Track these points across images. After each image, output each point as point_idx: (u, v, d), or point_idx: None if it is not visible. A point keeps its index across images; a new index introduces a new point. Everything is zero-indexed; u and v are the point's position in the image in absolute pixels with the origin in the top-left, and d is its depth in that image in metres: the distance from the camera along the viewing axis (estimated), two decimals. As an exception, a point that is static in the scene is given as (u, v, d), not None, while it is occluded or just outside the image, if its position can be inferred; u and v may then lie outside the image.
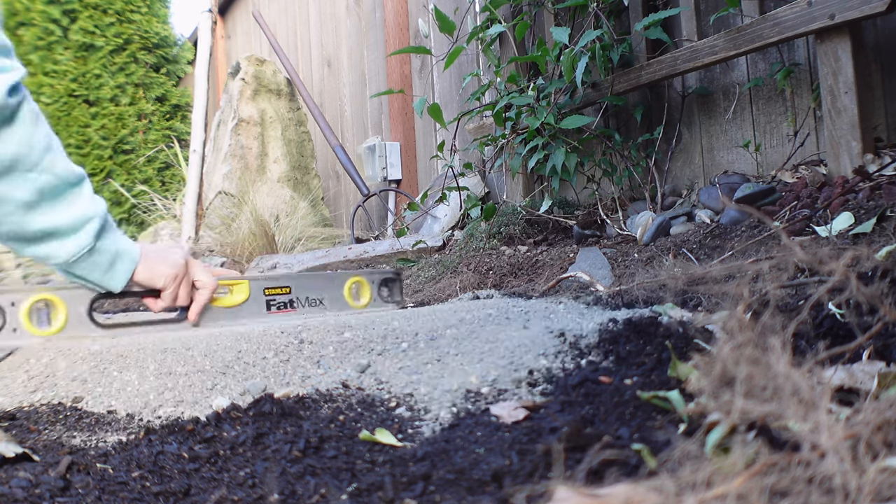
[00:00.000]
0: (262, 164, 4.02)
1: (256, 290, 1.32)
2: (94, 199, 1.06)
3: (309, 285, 1.39)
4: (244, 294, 1.31)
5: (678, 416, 0.63)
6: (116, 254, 1.09)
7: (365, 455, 0.69)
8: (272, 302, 1.34)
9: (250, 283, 1.32)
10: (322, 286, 1.41)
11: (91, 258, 1.05)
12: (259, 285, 1.33)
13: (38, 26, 5.51)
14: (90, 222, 1.04)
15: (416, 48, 2.25)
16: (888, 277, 0.85)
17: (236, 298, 1.30)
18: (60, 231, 1.00)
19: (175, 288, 1.16)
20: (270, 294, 1.34)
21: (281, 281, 1.36)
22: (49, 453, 0.74)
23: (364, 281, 1.47)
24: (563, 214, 2.28)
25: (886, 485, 0.36)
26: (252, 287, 1.32)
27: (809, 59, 1.79)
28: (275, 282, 1.35)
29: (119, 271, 1.10)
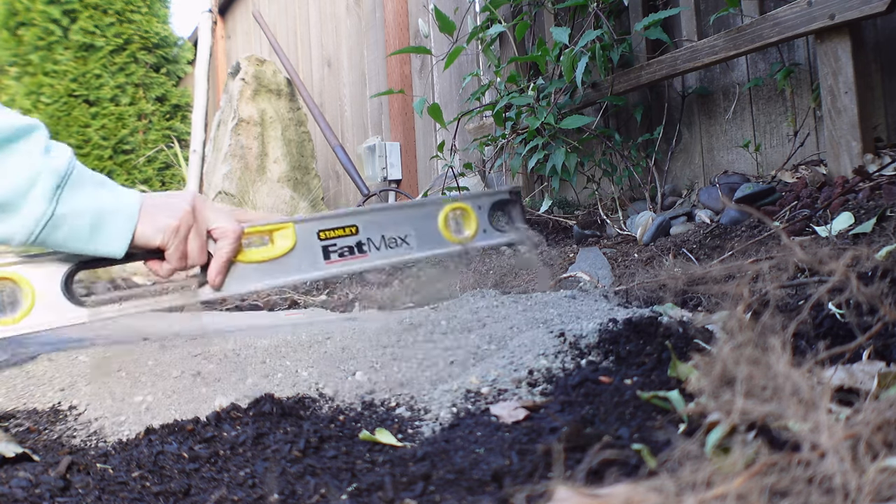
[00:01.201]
0: (262, 164, 4.02)
1: (306, 235, 1.04)
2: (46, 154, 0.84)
3: (385, 220, 1.10)
4: (289, 241, 1.02)
5: (678, 416, 0.63)
6: (99, 214, 0.86)
7: (365, 455, 0.69)
8: (331, 248, 1.05)
9: (296, 226, 1.04)
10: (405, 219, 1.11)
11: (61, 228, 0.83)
12: (310, 228, 1.05)
13: (38, 26, 5.50)
14: (37, 184, 0.81)
15: (416, 48, 2.25)
16: (888, 277, 0.85)
17: (278, 248, 1.01)
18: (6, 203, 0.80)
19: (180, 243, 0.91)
20: (328, 238, 1.05)
21: (342, 219, 1.07)
22: (49, 453, 0.74)
23: (468, 207, 1.17)
24: (563, 214, 2.28)
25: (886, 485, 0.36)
26: (299, 231, 1.04)
27: (809, 59, 1.79)
28: (333, 221, 1.07)
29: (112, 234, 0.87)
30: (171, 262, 0.92)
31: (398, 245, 1.10)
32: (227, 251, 0.96)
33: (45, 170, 0.82)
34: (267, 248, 1.02)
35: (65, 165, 0.84)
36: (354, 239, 1.07)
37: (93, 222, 0.86)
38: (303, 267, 1.04)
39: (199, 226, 0.93)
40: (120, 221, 0.87)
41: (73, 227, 0.85)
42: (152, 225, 0.89)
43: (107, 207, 0.87)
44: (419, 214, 1.13)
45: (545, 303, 1.18)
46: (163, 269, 0.94)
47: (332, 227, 1.06)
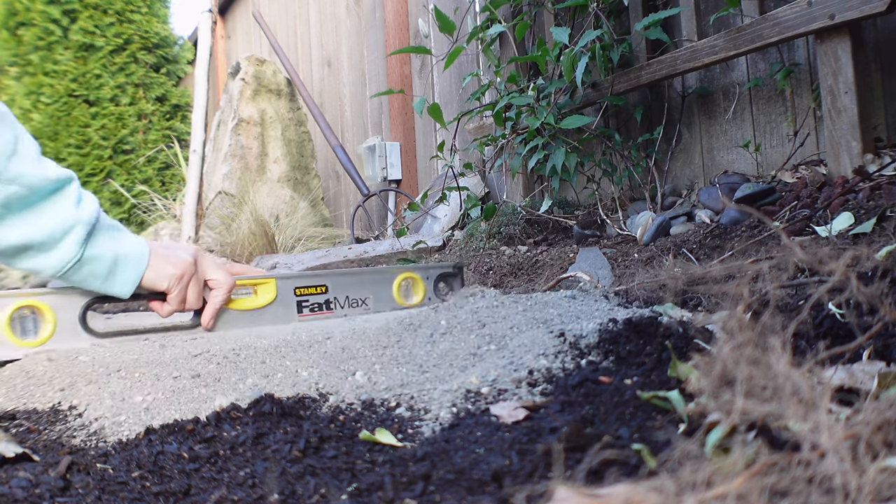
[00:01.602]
0: (262, 164, 4.02)
1: (285, 290, 1.18)
2: (79, 204, 0.97)
3: (350, 282, 1.25)
4: (270, 294, 1.17)
5: (678, 416, 0.63)
6: (115, 259, 1.00)
7: (365, 455, 0.69)
8: (304, 303, 1.20)
9: (277, 281, 1.18)
10: (366, 283, 1.26)
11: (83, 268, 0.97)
12: (289, 284, 1.19)
13: (38, 26, 5.50)
14: (72, 232, 0.95)
15: (416, 48, 2.25)
16: (888, 277, 0.85)
17: (261, 300, 1.16)
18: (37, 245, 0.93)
19: (181, 290, 1.05)
20: (302, 294, 1.20)
21: (315, 279, 1.22)
22: (49, 453, 0.74)
23: (417, 277, 1.33)
24: (563, 214, 2.28)
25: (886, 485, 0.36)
26: (280, 286, 1.18)
27: (809, 59, 1.79)
28: (308, 280, 1.21)
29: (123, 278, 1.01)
30: (172, 304, 1.07)
31: (359, 305, 1.27)
32: (220, 299, 1.10)
33: (80, 221, 0.96)
34: (252, 299, 1.17)
35: (94, 216, 0.98)
36: (324, 297, 1.23)
37: (110, 266, 1.00)
38: (280, 317, 1.19)
39: (199, 276, 1.07)
40: (131, 266, 1.01)
41: (94, 268, 0.99)
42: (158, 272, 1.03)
43: (123, 254, 1.01)
44: (377, 280, 1.30)
45: (545, 303, 1.18)
46: (164, 309, 1.09)
47: (306, 285, 1.21)
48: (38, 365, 0.99)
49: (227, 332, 1.11)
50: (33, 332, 1.02)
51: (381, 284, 1.29)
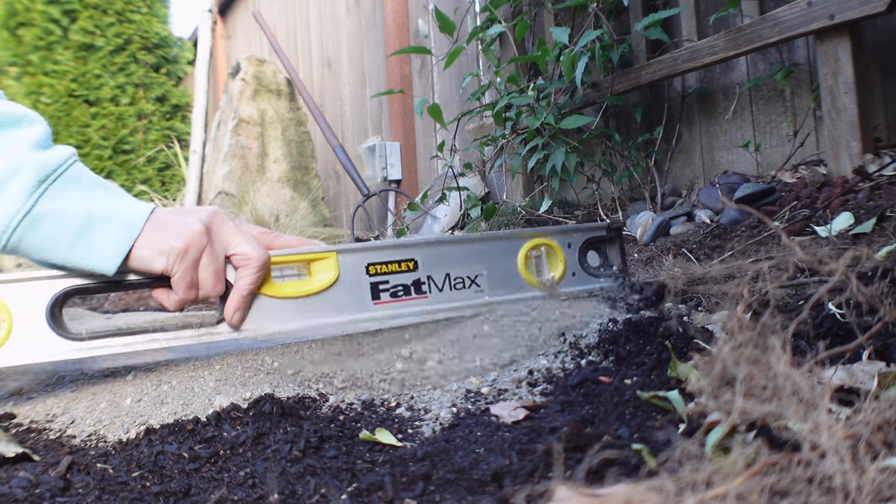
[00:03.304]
0: (263, 164, 4.02)
1: (352, 268, 0.85)
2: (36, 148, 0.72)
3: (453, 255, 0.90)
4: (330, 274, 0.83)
5: (678, 416, 0.63)
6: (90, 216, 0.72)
7: (365, 455, 0.69)
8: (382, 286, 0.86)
9: (339, 255, 0.84)
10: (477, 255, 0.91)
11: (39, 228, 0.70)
12: (358, 259, 0.85)
13: (38, 26, 5.50)
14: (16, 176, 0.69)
15: (416, 48, 2.25)
16: (888, 277, 0.85)
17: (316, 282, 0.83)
18: None
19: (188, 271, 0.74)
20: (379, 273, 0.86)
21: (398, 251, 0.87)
22: (49, 453, 0.74)
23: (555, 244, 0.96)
24: (563, 214, 2.28)
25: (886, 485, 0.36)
26: (343, 263, 0.84)
27: (809, 59, 1.79)
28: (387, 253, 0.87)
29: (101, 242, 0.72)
30: (178, 292, 0.76)
31: (466, 287, 0.90)
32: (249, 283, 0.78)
33: (30, 163, 0.70)
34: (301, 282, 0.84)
35: (56, 161, 0.72)
36: (412, 276, 0.88)
37: (81, 226, 0.71)
38: (344, 307, 0.85)
39: (215, 249, 0.76)
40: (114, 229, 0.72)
41: (55, 228, 0.71)
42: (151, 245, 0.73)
43: (100, 211, 0.72)
44: (494, 249, 0.93)
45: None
46: (170, 300, 0.78)
47: (384, 261, 0.87)
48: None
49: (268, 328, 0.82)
50: None
51: (502, 256, 0.93)
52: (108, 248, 0.72)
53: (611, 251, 1.00)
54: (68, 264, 0.73)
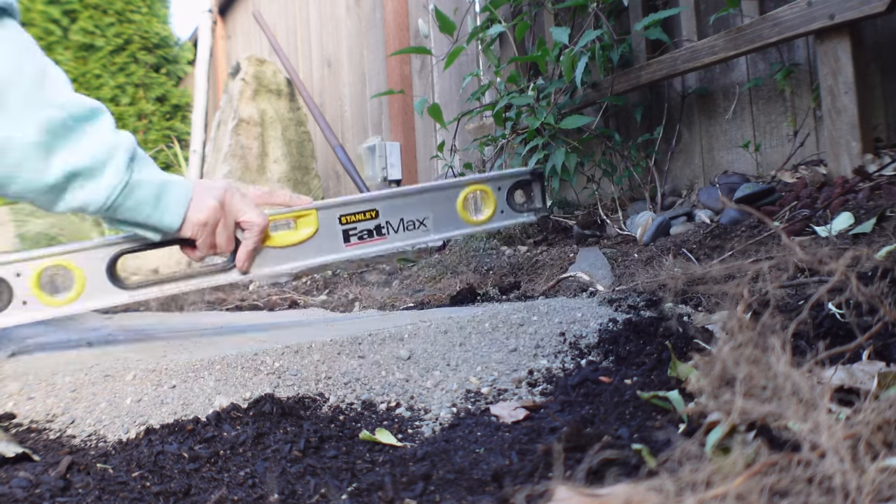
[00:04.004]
0: (263, 164, 4.02)
1: (328, 220, 1.12)
2: (116, 131, 0.94)
3: (405, 204, 1.15)
4: (312, 227, 1.10)
5: (678, 416, 0.63)
6: (163, 184, 0.96)
7: (365, 455, 0.69)
8: (351, 231, 1.12)
9: (318, 212, 1.11)
10: (423, 203, 1.16)
11: (133, 194, 0.92)
12: (332, 213, 1.12)
13: (38, 26, 5.51)
14: (115, 156, 0.91)
15: (416, 48, 2.25)
16: (888, 277, 0.85)
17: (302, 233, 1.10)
18: (84, 171, 0.88)
19: (208, 236, 1.00)
20: (349, 222, 1.12)
21: (363, 204, 1.13)
22: (49, 453, 0.74)
23: (488, 189, 1.21)
24: (563, 214, 2.28)
25: (886, 485, 0.36)
26: (321, 217, 1.11)
27: (809, 59, 1.79)
28: (354, 206, 1.13)
29: (172, 203, 0.96)
30: (202, 250, 1.02)
31: (416, 227, 1.15)
32: (253, 242, 1.05)
33: (120, 144, 0.92)
34: (291, 233, 1.10)
35: (133, 142, 0.94)
36: (374, 223, 1.13)
37: (157, 192, 0.95)
38: (324, 250, 1.11)
39: (227, 219, 1.01)
40: (180, 192, 0.97)
41: (143, 194, 0.94)
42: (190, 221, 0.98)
43: (167, 180, 0.97)
44: (438, 197, 1.17)
45: (546, 303, 1.18)
46: (195, 254, 1.04)
47: (352, 212, 1.12)
48: (38, 363, 0.98)
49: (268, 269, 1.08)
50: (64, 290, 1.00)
51: (443, 202, 1.18)
52: (177, 210, 0.96)
53: (535, 191, 1.24)
54: (149, 222, 0.96)
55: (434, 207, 1.18)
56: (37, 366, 1.00)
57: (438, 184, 1.18)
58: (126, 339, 1.33)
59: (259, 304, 2.04)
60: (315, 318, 1.54)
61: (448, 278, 1.94)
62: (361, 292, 2.04)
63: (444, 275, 1.99)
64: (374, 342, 1.04)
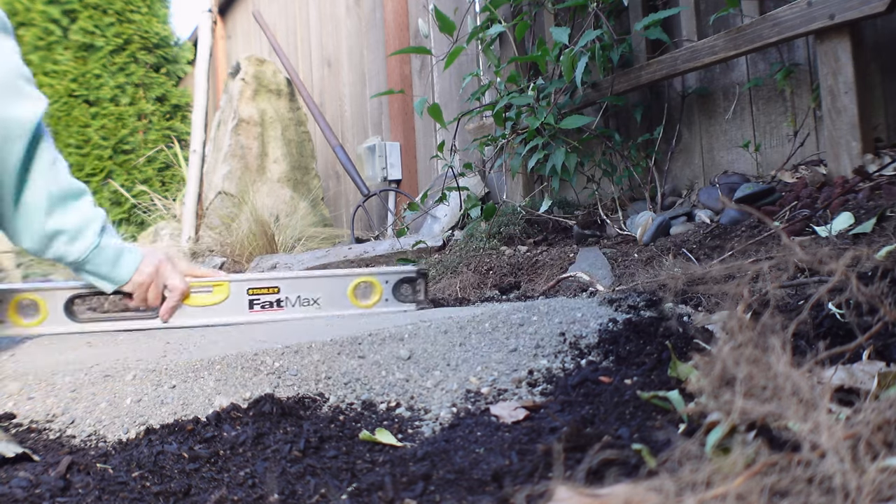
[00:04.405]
0: (262, 164, 4.02)
1: (239, 290, 1.34)
2: (94, 207, 1.24)
3: (303, 284, 1.36)
4: (224, 294, 1.34)
5: (678, 416, 0.63)
6: (121, 250, 1.25)
7: (365, 455, 0.69)
8: (255, 301, 1.34)
9: (230, 283, 1.34)
10: (318, 285, 1.37)
11: (100, 255, 1.22)
12: (242, 286, 1.34)
13: (38, 26, 5.50)
14: (92, 224, 1.21)
15: (416, 48, 2.25)
16: (888, 277, 0.85)
17: (216, 298, 1.34)
18: (68, 232, 1.18)
19: (143, 292, 1.28)
20: (255, 294, 1.34)
21: (268, 281, 1.35)
22: (49, 453, 0.74)
23: (374, 280, 1.38)
24: (563, 214, 2.28)
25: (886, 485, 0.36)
26: (233, 288, 1.34)
27: (809, 59, 1.79)
28: (262, 281, 1.35)
29: (124, 265, 1.25)
30: (136, 301, 1.30)
31: (310, 304, 1.36)
32: (174, 301, 1.31)
33: (96, 218, 1.22)
34: (208, 296, 1.34)
35: (104, 217, 1.25)
36: (275, 296, 1.35)
37: (115, 255, 1.24)
38: (231, 313, 1.34)
39: (158, 281, 1.29)
40: (131, 258, 1.26)
41: (106, 256, 1.23)
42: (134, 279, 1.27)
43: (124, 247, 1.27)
44: (332, 283, 1.38)
45: (546, 303, 1.18)
46: (131, 304, 1.32)
47: (258, 287, 1.35)
48: (37, 363, 0.98)
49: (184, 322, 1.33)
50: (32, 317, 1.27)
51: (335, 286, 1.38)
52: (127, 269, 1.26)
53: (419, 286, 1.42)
54: (107, 277, 1.25)
55: (327, 290, 1.37)
56: (37, 366, 1.00)
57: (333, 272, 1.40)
58: (126, 339, 1.33)
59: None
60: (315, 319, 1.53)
61: (448, 278, 1.94)
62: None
63: (444, 275, 1.99)
64: (374, 342, 1.04)
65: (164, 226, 4.25)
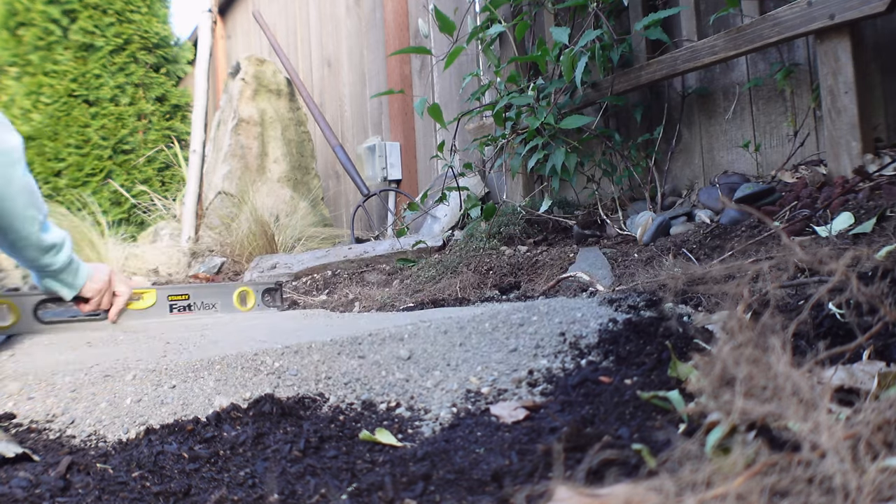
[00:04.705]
0: (262, 164, 4.02)
1: (161, 297, 1.67)
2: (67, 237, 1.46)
3: (204, 293, 1.76)
4: (153, 300, 1.66)
5: (678, 416, 0.63)
6: (78, 262, 1.48)
7: (365, 455, 0.69)
8: (174, 306, 1.69)
9: (157, 291, 1.68)
10: (215, 294, 1.79)
11: (71, 265, 1.45)
12: (164, 293, 1.68)
13: (38, 26, 5.50)
14: (66, 242, 1.42)
15: (416, 48, 2.25)
16: (888, 277, 0.85)
17: (147, 303, 1.65)
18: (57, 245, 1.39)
19: (98, 298, 1.52)
20: (172, 300, 1.69)
21: (181, 290, 1.74)
22: (49, 453, 0.74)
23: (250, 290, 1.86)
24: (563, 214, 2.28)
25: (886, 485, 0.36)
26: (158, 295, 1.67)
27: (809, 59, 1.79)
28: (176, 290, 1.73)
29: (81, 274, 1.48)
30: (91, 305, 1.52)
31: (211, 308, 1.76)
32: (121, 305, 1.57)
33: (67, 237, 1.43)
34: (141, 302, 1.64)
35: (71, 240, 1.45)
36: (186, 302, 1.72)
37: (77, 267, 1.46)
38: (156, 315, 1.65)
39: (110, 290, 1.54)
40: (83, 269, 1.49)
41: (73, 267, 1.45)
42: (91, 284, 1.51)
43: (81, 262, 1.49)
44: (223, 292, 1.81)
45: (546, 303, 1.18)
46: (86, 308, 1.53)
47: (175, 294, 1.71)
48: (37, 364, 0.98)
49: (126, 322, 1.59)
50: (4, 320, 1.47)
51: (225, 295, 1.80)
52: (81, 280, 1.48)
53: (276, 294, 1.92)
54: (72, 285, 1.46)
55: (221, 297, 1.79)
56: (37, 366, 1.00)
57: (224, 285, 1.83)
58: (126, 339, 1.33)
59: (259, 304, 2.04)
60: (315, 318, 1.54)
61: (448, 278, 1.94)
62: (361, 292, 2.04)
63: (444, 275, 1.99)
64: (374, 342, 1.04)
65: (164, 226, 4.25)
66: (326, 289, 2.29)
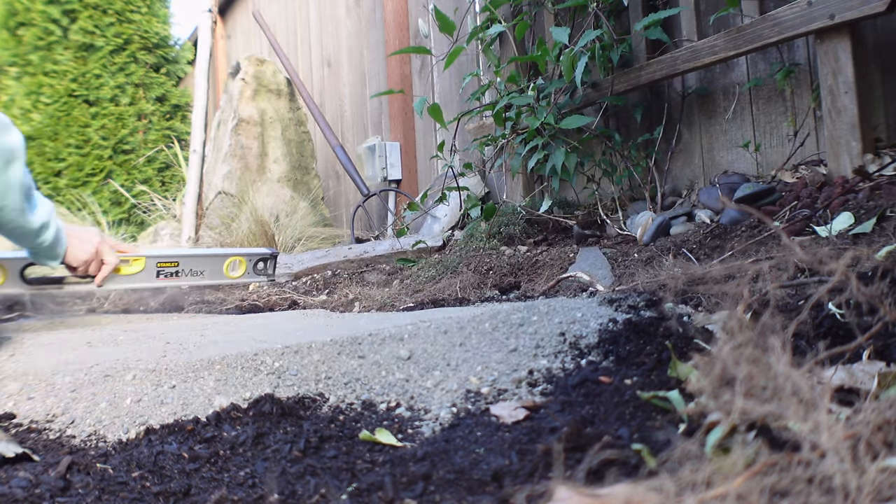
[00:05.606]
0: (262, 164, 4.02)
1: (150, 263, 1.73)
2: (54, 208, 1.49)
3: (194, 261, 1.82)
4: (141, 266, 1.72)
5: (678, 416, 0.63)
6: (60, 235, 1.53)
7: (365, 455, 0.69)
8: (161, 271, 1.75)
9: (146, 258, 1.73)
10: (205, 262, 1.84)
11: (58, 237, 1.49)
12: (153, 260, 1.74)
13: (38, 26, 5.50)
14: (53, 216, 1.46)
15: (416, 48, 2.25)
16: (888, 277, 0.85)
17: (135, 268, 1.72)
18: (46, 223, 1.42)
19: (86, 266, 1.59)
20: (161, 266, 1.75)
21: (171, 258, 1.79)
22: (49, 453, 0.74)
23: (242, 258, 1.91)
24: (563, 214, 2.28)
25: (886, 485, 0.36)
26: (147, 262, 1.72)
27: (809, 59, 1.79)
28: (166, 258, 1.78)
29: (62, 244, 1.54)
30: (80, 272, 1.60)
31: (198, 275, 1.82)
32: (108, 271, 1.63)
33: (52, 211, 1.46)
34: (129, 266, 1.71)
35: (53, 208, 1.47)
36: (175, 269, 1.78)
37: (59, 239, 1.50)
38: (145, 279, 1.73)
39: (98, 258, 1.61)
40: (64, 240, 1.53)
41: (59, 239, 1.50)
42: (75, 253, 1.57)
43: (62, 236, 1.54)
44: (213, 260, 1.85)
45: (546, 303, 1.18)
46: (75, 273, 1.62)
47: (164, 261, 1.76)
48: (37, 364, 0.98)
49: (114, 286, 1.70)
50: None
51: (215, 263, 1.85)
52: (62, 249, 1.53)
53: (269, 263, 1.93)
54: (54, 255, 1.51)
55: (210, 265, 1.84)
56: (37, 366, 1.00)
57: (215, 251, 1.91)
58: (126, 339, 1.33)
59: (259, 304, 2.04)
60: (315, 318, 1.54)
61: (448, 278, 1.94)
62: (361, 292, 2.04)
63: (444, 275, 1.99)
64: (374, 342, 1.04)
65: (164, 226, 4.25)
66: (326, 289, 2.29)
